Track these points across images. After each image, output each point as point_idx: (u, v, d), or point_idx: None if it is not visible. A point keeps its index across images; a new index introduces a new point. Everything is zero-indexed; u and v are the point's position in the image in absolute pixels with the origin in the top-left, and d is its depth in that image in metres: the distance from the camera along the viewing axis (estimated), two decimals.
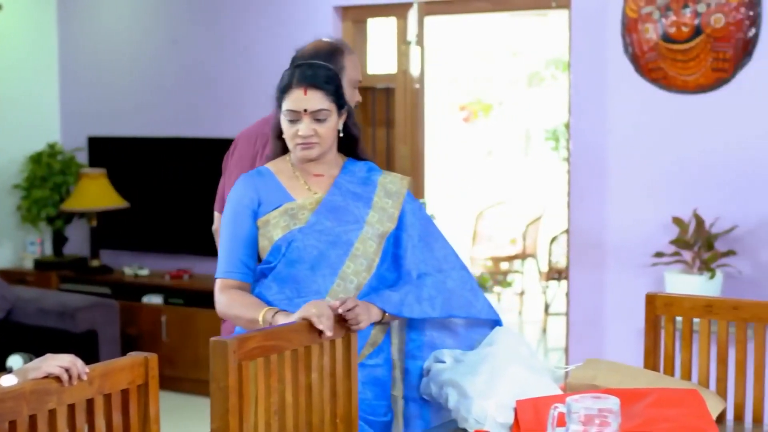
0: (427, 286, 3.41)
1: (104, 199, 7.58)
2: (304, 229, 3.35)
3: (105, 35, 8.01)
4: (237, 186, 3.45)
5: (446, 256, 3.54)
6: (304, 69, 3.38)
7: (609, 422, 2.61)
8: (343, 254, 3.36)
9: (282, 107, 3.37)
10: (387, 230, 3.43)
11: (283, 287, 3.34)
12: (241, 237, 3.39)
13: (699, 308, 3.54)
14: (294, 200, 3.40)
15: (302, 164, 3.44)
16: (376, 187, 3.48)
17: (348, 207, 3.41)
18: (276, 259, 3.36)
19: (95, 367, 2.70)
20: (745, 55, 5.69)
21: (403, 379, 3.50)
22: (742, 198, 5.72)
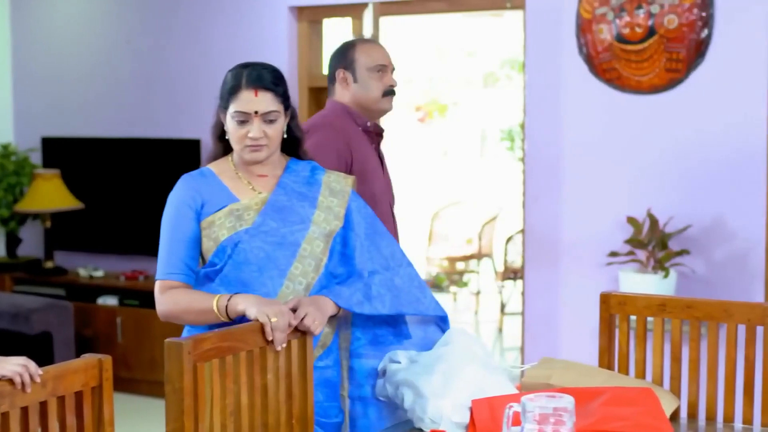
0: (376, 284, 3.40)
1: (58, 200, 7.52)
2: (250, 230, 3.33)
3: (59, 35, 7.95)
4: (179, 186, 3.42)
5: (393, 253, 3.54)
6: (251, 70, 3.36)
7: (564, 421, 2.62)
8: (290, 255, 3.35)
9: (229, 108, 3.34)
10: (334, 229, 3.43)
11: (230, 291, 3.29)
12: (183, 238, 3.35)
13: (653, 307, 3.56)
14: (239, 201, 3.38)
15: (247, 166, 3.42)
16: (321, 187, 3.47)
17: (293, 207, 3.40)
18: (221, 261, 3.33)
19: (48, 370, 2.69)
20: (698, 56, 5.73)
21: (348, 378, 3.49)
22: (696, 197, 5.77)
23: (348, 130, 4.07)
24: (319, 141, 3.97)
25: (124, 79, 7.68)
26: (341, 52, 4.18)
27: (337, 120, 4.10)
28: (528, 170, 6.26)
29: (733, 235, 5.71)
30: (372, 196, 4.00)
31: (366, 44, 4.17)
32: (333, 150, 3.96)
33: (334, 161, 3.92)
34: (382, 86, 4.13)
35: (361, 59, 4.11)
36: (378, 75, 4.11)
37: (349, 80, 4.13)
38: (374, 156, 4.17)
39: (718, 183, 5.73)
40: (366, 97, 4.13)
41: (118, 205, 7.68)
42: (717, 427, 3.43)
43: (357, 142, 4.07)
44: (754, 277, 5.66)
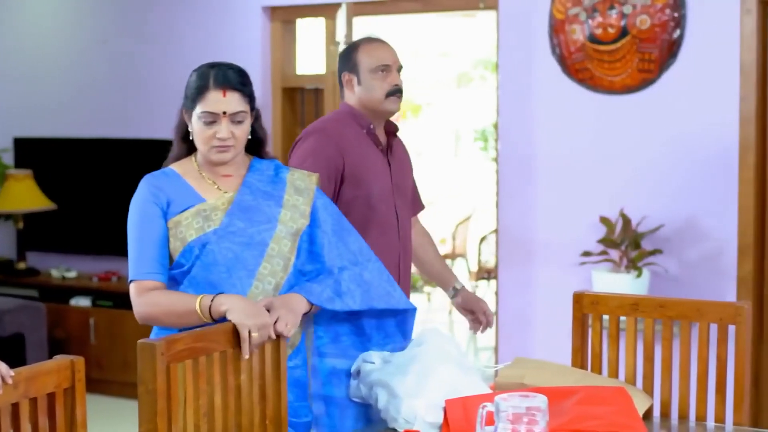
0: (345, 280, 3.39)
1: (31, 201, 7.49)
2: (218, 231, 3.30)
3: (32, 34, 7.92)
4: (143, 187, 3.37)
5: (361, 248, 3.53)
6: (218, 70, 3.34)
7: (537, 420, 2.62)
8: (258, 255, 3.33)
9: (196, 109, 3.32)
10: (300, 227, 3.41)
11: (199, 293, 3.25)
12: (154, 237, 3.30)
13: (626, 306, 3.57)
14: (205, 201, 3.35)
15: (213, 166, 3.40)
16: (286, 185, 3.46)
17: (260, 206, 3.38)
18: (188, 261, 3.30)
19: (21, 371, 2.67)
20: (670, 56, 5.75)
21: (311, 377, 3.48)
22: (668, 197, 5.79)
23: (344, 134, 4.03)
24: (308, 147, 3.98)
25: (97, 79, 7.66)
26: (346, 55, 4.15)
27: (335, 124, 4.08)
28: (501, 170, 6.27)
29: (705, 235, 5.74)
30: (367, 198, 3.99)
31: (369, 45, 4.12)
32: (322, 157, 3.93)
33: (323, 167, 3.89)
34: (386, 87, 4.06)
35: (364, 61, 4.08)
36: (381, 75, 4.06)
37: (354, 83, 4.10)
38: (377, 157, 4.10)
39: (690, 183, 5.75)
40: (370, 99, 4.07)
41: (91, 206, 7.65)
42: (689, 425, 3.45)
43: (353, 145, 4.03)
44: (726, 277, 5.69)
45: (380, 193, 4.05)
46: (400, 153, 4.26)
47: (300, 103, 7.23)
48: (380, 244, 3.94)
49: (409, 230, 4.24)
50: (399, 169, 4.21)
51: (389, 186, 4.11)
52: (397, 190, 4.16)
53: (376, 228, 4.00)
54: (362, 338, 3.52)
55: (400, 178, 4.21)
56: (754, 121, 5.61)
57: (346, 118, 4.10)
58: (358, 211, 3.97)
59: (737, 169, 5.64)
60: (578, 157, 6.01)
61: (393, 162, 4.17)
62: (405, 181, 4.25)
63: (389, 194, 4.10)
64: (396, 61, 4.11)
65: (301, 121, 7.22)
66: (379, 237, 4.00)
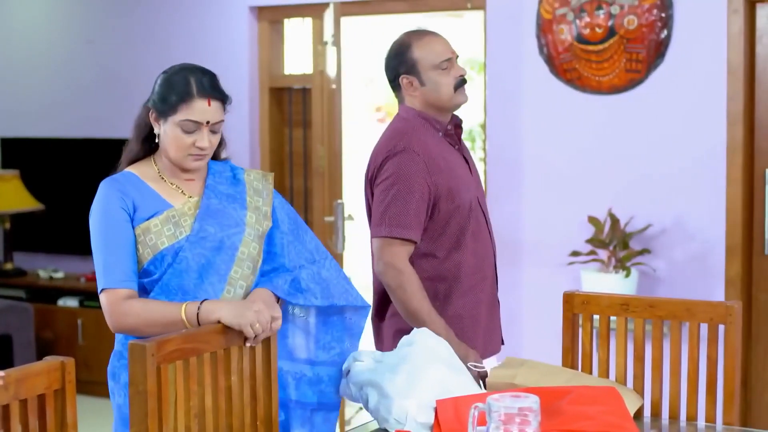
0: (304, 279, 3.37)
1: (18, 201, 7.48)
2: (191, 238, 3.25)
3: (18, 34, 7.90)
4: (106, 191, 3.28)
5: (317, 246, 3.51)
6: (201, 77, 3.25)
7: (529, 421, 2.62)
8: (228, 260, 3.29)
9: (176, 116, 3.21)
10: (265, 229, 3.39)
11: (172, 299, 3.21)
12: (121, 243, 3.21)
13: (616, 306, 3.58)
14: (172, 206, 3.29)
15: (174, 169, 3.32)
16: (245, 186, 3.42)
17: (226, 210, 3.33)
18: (159, 269, 3.24)
19: (11, 372, 2.65)
20: (658, 56, 5.76)
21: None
22: (656, 197, 5.80)
23: (427, 145, 3.81)
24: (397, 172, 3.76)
25: (84, 79, 7.64)
26: (398, 56, 3.88)
27: (415, 136, 3.83)
28: (489, 170, 6.28)
29: (693, 235, 5.75)
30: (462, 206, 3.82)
31: (422, 40, 3.86)
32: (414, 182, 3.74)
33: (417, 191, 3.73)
34: (452, 80, 3.84)
35: (423, 58, 3.82)
36: (445, 71, 3.82)
37: (416, 84, 3.85)
38: (458, 159, 3.91)
39: (678, 183, 5.76)
40: (438, 98, 3.85)
41: (78, 206, 7.59)
42: (680, 425, 3.46)
43: (438, 159, 3.81)
44: (714, 277, 5.70)
45: (471, 199, 3.87)
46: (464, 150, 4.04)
47: (288, 103, 7.23)
48: (477, 248, 3.85)
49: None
50: (469, 164, 4.01)
51: (472, 184, 3.94)
52: (477, 188, 3.97)
53: (471, 233, 3.85)
54: (308, 340, 3.47)
55: (475, 175, 4.02)
56: (742, 120, 5.62)
57: (421, 125, 3.87)
58: (456, 222, 3.82)
59: (725, 169, 5.65)
60: (566, 157, 6.02)
61: (466, 156, 4.00)
62: (476, 171, 4.06)
63: (474, 192, 3.92)
64: (454, 51, 3.88)
65: (288, 121, 7.22)
66: (475, 241, 3.86)
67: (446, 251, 3.83)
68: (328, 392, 3.47)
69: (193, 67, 3.31)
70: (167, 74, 3.29)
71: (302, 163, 7.18)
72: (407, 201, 3.74)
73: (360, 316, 3.53)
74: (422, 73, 3.83)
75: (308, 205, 7.17)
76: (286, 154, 7.23)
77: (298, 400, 3.44)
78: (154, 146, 3.35)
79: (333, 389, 3.47)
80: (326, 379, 3.46)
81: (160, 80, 3.29)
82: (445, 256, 3.83)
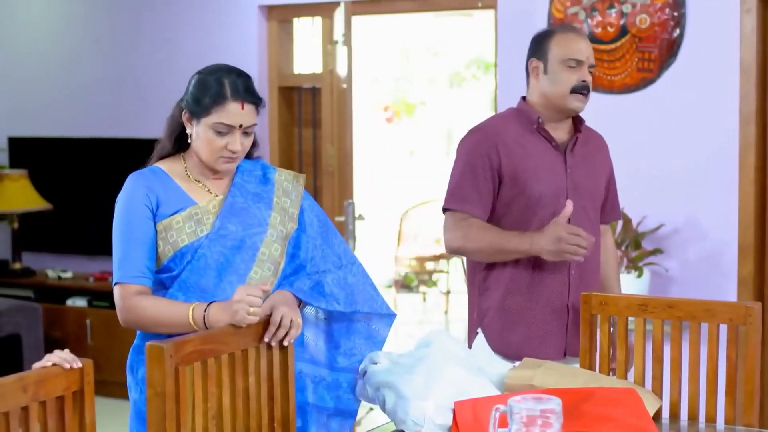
0: (329, 283, 3.35)
1: (26, 201, 7.46)
2: (210, 235, 3.24)
3: (25, 33, 7.88)
4: (132, 185, 3.28)
5: (345, 251, 3.49)
6: (235, 78, 3.24)
7: (551, 423, 2.60)
8: (249, 260, 3.28)
9: (209, 118, 3.20)
10: (290, 231, 3.37)
11: (189, 297, 3.21)
12: (141, 239, 3.22)
13: (634, 307, 3.55)
14: (196, 203, 3.28)
15: (203, 168, 3.32)
16: (274, 187, 3.40)
17: (250, 209, 3.32)
18: (178, 267, 3.24)
19: (30, 374, 2.64)
20: (670, 56, 5.74)
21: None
22: (668, 197, 5.78)
23: (503, 132, 3.86)
24: (465, 147, 3.90)
25: (92, 78, 7.62)
26: (537, 41, 3.92)
27: (496, 122, 3.95)
28: None
29: (705, 235, 5.73)
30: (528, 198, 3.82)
31: (565, 35, 3.87)
32: (477, 155, 3.82)
33: (479, 165, 3.81)
34: (573, 81, 3.81)
35: (556, 50, 3.83)
36: (570, 69, 3.81)
37: (540, 70, 3.88)
38: (548, 155, 3.87)
39: (690, 182, 5.74)
40: (553, 92, 3.84)
41: (86, 206, 7.62)
42: (699, 427, 3.44)
43: (513, 144, 3.83)
44: (727, 277, 5.67)
45: (546, 194, 3.82)
46: (588, 152, 4.00)
47: (297, 103, 7.21)
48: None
49: (593, 234, 3.88)
50: (582, 169, 3.94)
51: (563, 186, 3.86)
52: (575, 189, 3.88)
53: (538, 227, 3.79)
54: (330, 345, 3.47)
55: (582, 177, 3.93)
56: (754, 120, 5.59)
57: (511, 115, 3.95)
58: (517, 211, 3.84)
59: (737, 169, 5.63)
60: None
61: (572, 160, 3.92)
62: (591, 182, 3.98)
63: (560, 194, 3.84)
64: (589, 58, 3.86)
65: (298, 120, 7.20)
66: None
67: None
68: (345, 398, 3.46)
69: (227, 68, 3.29)
70: (201, 75, 3.28)
71: (312, 163, 7.15)
72: (465, 175, 3.84)
73: (384, 324, 3.52)
74: (549, 63, 3.86)
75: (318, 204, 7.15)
76: (296, 153, 7.21)
77: (315, 403, 3.42)
78: (185, 144, 3.34)
79: (351, 396, 3.46)
80: (345, 385, 3.45)
81: (194, 81, 3.27)
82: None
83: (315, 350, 3.44)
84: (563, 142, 3.93)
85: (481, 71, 13.76)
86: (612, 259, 4.18)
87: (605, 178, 4.08)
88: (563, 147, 3.91)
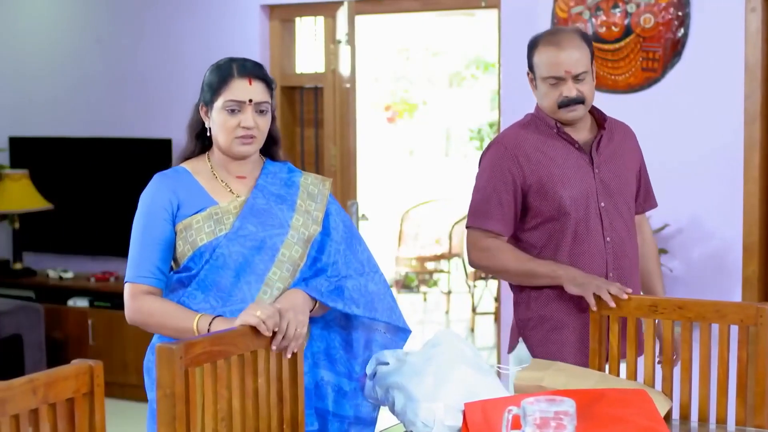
0: (348, 289, 3.34)
1: (27, 201, 7.43)
2: (229, 235, 3.24)
3: (26, 32, 7.85)
4: (154, 186, 3.31)
5: (368, 258, 3.47)
6: (242, 61, 3.30)
7: (565, 425, 2.58)
8: (268, 260, 3.27)
9: (218, 101, 3.25)
10: (312, 234, 3.35)
11: (207, 296, 3.22)
12: (155, 240, 3.25)
13: (644, 308, 3.53)
14: (217, 203, 3.28)
15: (230, 163, 3.34)
16: (299, 189, 3.40)
17: (271, 210, 3.32)
18: (197, 266, 3.24)
19: (39, 376, 2.62)
20: (675, 55, 5.73)
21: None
22: (672, 197, 5.76)
23: (523, 143, 3.80)
24: (486, 162, 3.85)
25: (93, 78, 7.60)
26: (529, 50, 3.83)
27: (515, 132, 3.86)
28: None
29: (710, 235, 5.72)
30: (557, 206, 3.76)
31: (545, 49, 3.75)
32: (498, 170, 3.78)
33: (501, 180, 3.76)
34: (556, 97, 3.74)
35: (538, 66, 3.77)
36: (552, 86, 3.73)
37: (534, 83, 3.84)
38: (573, 158, 3.81)
39: (694, 182, 5.73)
40: (544, 106, 3.80)
41: (87, 206, 7.60)
42: (710, 428, 3.43)
43: (534, 153, 3.79)
44: (731, 277, 5.67)
45: (576, 197, 3.76)
46: (615, 147, 3.92)
47: (299, 102, 7.19)
48: (577, 254, 3.76)
49: (628, 231, 3.87)
50: (610, 166, 3.87)
51: (592, 186, 3.80)
52: (604, 189, 3.82)
53: (570, 236, 3.76)
54: (350, 354, 3.46)
55: (611, 174, 3.86)
56: (759, 119, 5.59)
57: (530, 123, 3.87)
58: (549, 219, 3.78)
59: (742, 168, 5.62)
60: None
61: (599, 158, 3.85)
62: (620, 176, 3.89)
63: (590, 196, 3.80)
64: (572, 69, 3.71)
65: (300, 120, 7.18)
66: (577, 246, 3.77)
67: (540, 247, 3.81)
68: (364, 406, 3.46)
69: (238, 57, 3.35)
70: (212, 66, 3.34)
71: (314, 163, 7.14)
72: (486, 191, 3.80)
73: (400, 338, 3.51)
74: (537, 78, 3.80)
75: None
76: (298, 153, 7.19)
77: (335, 412, 3.41)
78: (208, 143, 3.36)
79: (370, 405, 3.46)
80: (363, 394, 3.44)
81: (206, 73, 3.33)
82: (539, 252, 3.80)
83: (336, 359, 3.44)
84: (587, 141, 3.86)
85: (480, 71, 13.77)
86: (651, 251, 4.11)
87: (635, 169, 3.99)
88: (588, 147, 3.85)
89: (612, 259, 3.79)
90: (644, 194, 4.06)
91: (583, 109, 3.78)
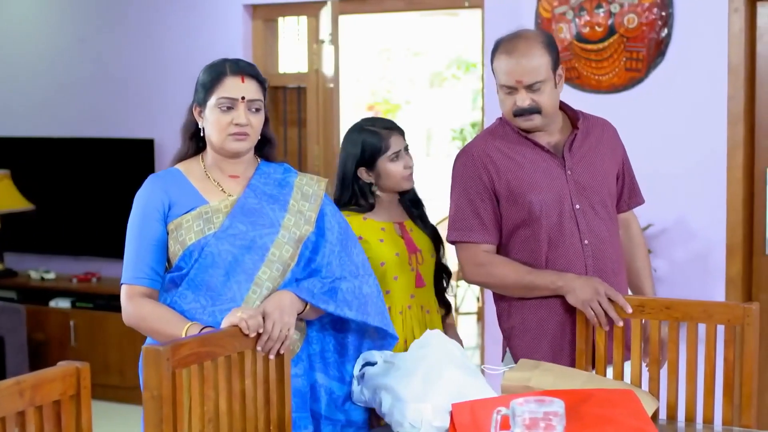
0: (342, 290, 3.32)
1: (8, 201, 7.40)
2: (218, 234, 3.25)
3: (8, 32, 7.82)
4: (147, 188, 3.33)
5: (363, 261, 3.46)
6: (234, 60, 3.32)
7: (554, 425, 2.58)
8: (258, 260, 3.26)
9: (211, 99, 3.26)
10: (304, 234, 3.34)
11: (198, 295, 3.23)
12: (150, 241, 3.27)
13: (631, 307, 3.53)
14: (207, 203, 3.29)
15: (223, 163, 3.34)
16: (293, 190, 3.40)
17: (263, 210, 3.32)
18: (188, 265, 3.25)
19: (26, 378, 2.60)
20: (658, 55, 5.74)
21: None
22: (657, 197, 5.74)
23: (490, 150, 3.71)
24: (456, 173, 3.77)
25: (75, 78, 7.57)
26: (491, 54, 3.70)
27: (482, 141, 3.76)
28: None
29: (693, 235, 5.73)
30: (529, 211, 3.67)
31: (500, 55, 3.63)
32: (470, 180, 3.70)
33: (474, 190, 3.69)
34: (511, 106, 3.63)
35: (496, 72, 3.66)
36: (507, 95, 3.64)
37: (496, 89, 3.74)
38: (543, 162, 3.70)
39: (678, 182, 5.74)
40: (503, 114, 3.72)
41: (69, 206, 7.56)
42: (696, 428, 3.42)
43: (502, 160, 3.69)
44: (715, 277, 5.68)
45: (546, 202, 3.65)
46: (590, 146, 3.78)
47: (282, 102, 7.18)
48: (554, 259, 3.66)
49: (608, 232, 3.75)
50: (584, 166, 3.74)
51: (564, 189, 3.68)
52: (579, 190, 3.70)
53: (545, 241, 3.66)
54: (343, 358, 3.46)
55: (587, 174, 3.73)
56: (743, 120, 5.60)
57: (496, 129, 3.78)
58: (523, 226, 3.68)
59: (725, 169, 5.63)
60: None
61: (572, 159, 3.72)
62: (596, 175, 3.75)
63: (563, 199, 3.68)
64: (525, 79, 3.57)
65: (283, 120, 7.17)
66: (552, 251, 3.67)
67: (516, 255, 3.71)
68: (355, 410, 3.45)
69: (231, 57, 3.37)
70: (205, 66, 3.36)
71: (297, 163, 7.12)
72: (461, 202, 3.73)
73: (388, 344, 3.49)
74: (496, 84, 3.69)
75: None
76: (281, 153, 7.18)
77: (328, 416, 3.41)
78: (203, 145, 3.38)
79: (361, 408, 3.45)
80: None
81: (200, 73, 3.35)
82: (517, 259, 3.71)
83: (329, 363, 3.44)
84: (557, 143, 3.75)
85: (461, 71, 13.77)
86: (639, 250, 3.99)
87: (616, 166, 3.86)
88: (559, 148, 3.75)
89: (592, 262, 3.68)
90: (629, 191, 3.94)
91: (540, 118, 3.66)
